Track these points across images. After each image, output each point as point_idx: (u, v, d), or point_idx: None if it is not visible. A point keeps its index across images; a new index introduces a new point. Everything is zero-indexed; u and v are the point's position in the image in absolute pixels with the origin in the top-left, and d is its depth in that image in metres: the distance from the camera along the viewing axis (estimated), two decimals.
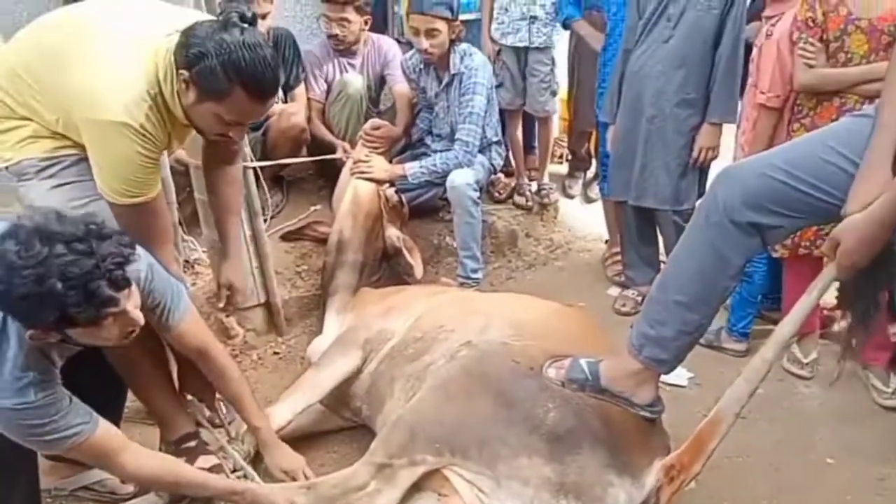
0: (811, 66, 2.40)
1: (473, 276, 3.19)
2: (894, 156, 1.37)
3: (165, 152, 2.02)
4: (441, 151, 3.19)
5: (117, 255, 1.40)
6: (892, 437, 2.30)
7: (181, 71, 1.67)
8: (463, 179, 3.07)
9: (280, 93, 3.34)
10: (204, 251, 2.90)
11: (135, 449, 1.68)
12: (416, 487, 1.87)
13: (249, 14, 1.70)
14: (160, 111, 1.74)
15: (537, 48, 3.55)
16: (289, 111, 3.31)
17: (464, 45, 3.18)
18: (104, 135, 1.69)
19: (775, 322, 2.83)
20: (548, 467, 1.71)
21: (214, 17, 1.77)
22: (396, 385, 2.12)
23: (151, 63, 1.72)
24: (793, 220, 1.55)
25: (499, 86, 3.51)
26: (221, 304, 2.37)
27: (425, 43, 3.08)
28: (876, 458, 2.20)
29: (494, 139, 3.37)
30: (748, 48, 2.79)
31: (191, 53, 1.64)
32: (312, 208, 3.39)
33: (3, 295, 1.34)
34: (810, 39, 2.38)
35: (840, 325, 2.79)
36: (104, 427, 1.61)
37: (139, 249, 1.66)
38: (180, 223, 2.75)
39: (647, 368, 1.76)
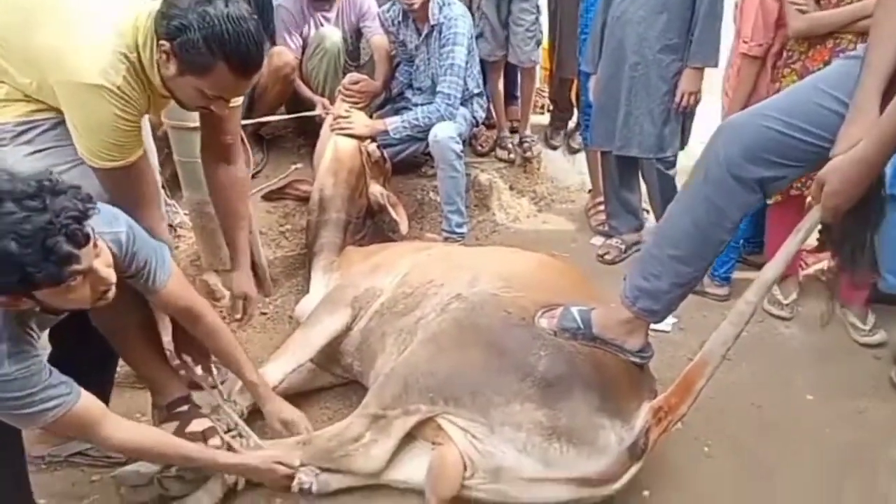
0: (803, 13, 2.39)
1: (458, 230, 3.19)
2: (882, 97, 1.38)
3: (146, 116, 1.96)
4: (422, 105, 3.15)
5: (72, 209, 1.34)
6: (870, 373, 2.37)
7: (161, 42, 1.61)
8: (445, 133, 3.04)
9: None
10: (186, 214, 2.86)
11: (118, 420, 1.65)
12: (410, 438, 1.91)
13: None
14: (138, 76, 1.68)
15: None
16: (277, 50, 3.24)
17: None
18: (80, 97, 1.63)
19: (758, 266, 2.87)
20: (540, 412, 1.75)
21: None
22: (388, 340, 2.14)
23: (131, 26, 1.65)
24: (794, 170, 1.56)
25: (478, 36, 3.44)
26: (238, 316, 2.27)
27: None
28: (854, 393, 2.28)
29: (476, 91, 3.33)
30: None
31: (172, 25, 1.58)
32: (293, 167, 3.35)
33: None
34: None
35: (823, 268, 2.86)
36: (86, 399, 1.58)
37: (117, 212, 1.64)
38: (163, 186, 2.70)
39: (639, 318, 1.79)
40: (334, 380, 2.39)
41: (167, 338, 2.19)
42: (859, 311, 2.56)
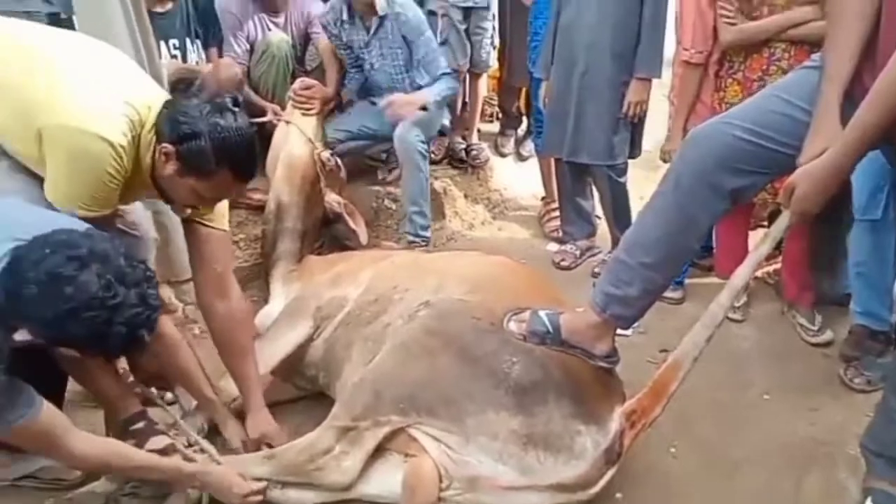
0: (732, 25, 2.48)
1: (423, 233, 3.14)
2: (841, 106, 1.43)
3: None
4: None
5: (155, 297, 1.46)
6: (821, 371, 2.46)
7: (164, 144, 1.67)
8: (411, 132, 3.03)
9: (200, 51, 3.19)
10: None
11: (80, 433, 1.60)
12: (382, 450, 1.86)
13: (241, 99, 1.76)
14: (135, 151, 1.71)
15: (480, 7, 3.51)
16: (224, 62, 3.18)
17: None
18: (79, 145, 1.64)
19: (707, 269, 3.00)
20: (515, 420, 1.74)
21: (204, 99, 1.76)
22: (354, 349, 2.09)
23: (142, 105, 1.71)
24: (764, 177, 1.61)
25: (442, 43, 3.43)
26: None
27: None
28: (808, 391, 2.36)
29: None
30: None
31: (182, 130, 1.66)
32: None
33: (65, 316, 1.33)
34: None
35: (770, 271, 2.97)
36: (48, 410, 1.52)
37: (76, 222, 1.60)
38: None
39: (609, 323, 1.81)
40: (297, 392, 2.33)
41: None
42: (806, 312, 2.66)
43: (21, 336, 1.38)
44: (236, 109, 1.71)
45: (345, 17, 3.18)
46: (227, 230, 2.03)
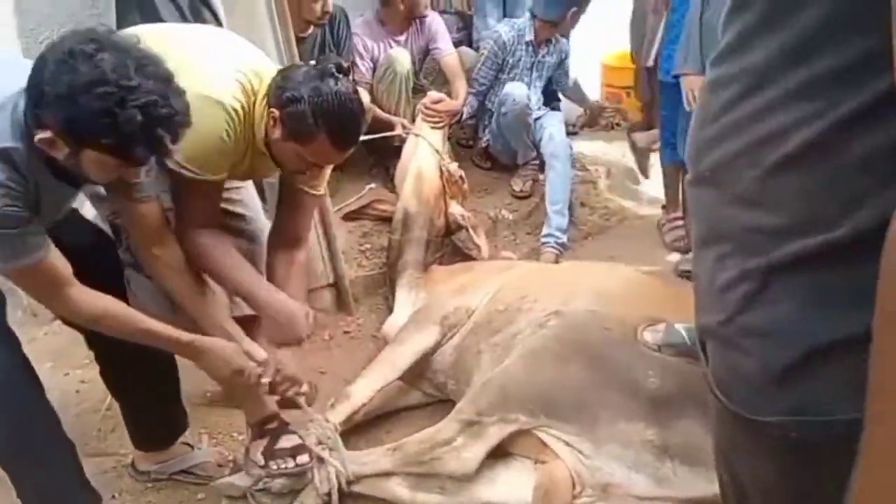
0: None
1: (561, 234, 3.26)
2: None
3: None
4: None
5: (183, 111, 1.40)
6: None
7: (272, 109, 1.73)
8: (562, 131, 3.35)
9: None
10: None
11: (84, 288, 1.61)
12: (509, 455, 1.89)
13: (346, 65, 1.77)
14: (247, 118, 1.76)
15: None
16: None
17: None
18: (193, 107, 1.59)
19: None
20: (650, 430, 1.72)
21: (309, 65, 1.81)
22: (483, 357, 2.13)
23: (254, 73, 1.77)
24: None
25: None
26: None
27: None
28: None
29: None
30: None
31: (285, 96, 1.70)
32: (368, 186, 3.39)
33: (79, 89, 1.28)
34: None
35: None
36: (55, 256, 1.54)
37: None
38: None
39: None
40: (424, 398, 2.40)
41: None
42: None
43: (42, 135, 1.33)
44: (339, 76, 1.71)
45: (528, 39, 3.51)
46: (322, 194, 2.07)
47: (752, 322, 0.71)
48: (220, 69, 1.73)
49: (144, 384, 1.99)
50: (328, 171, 2.01)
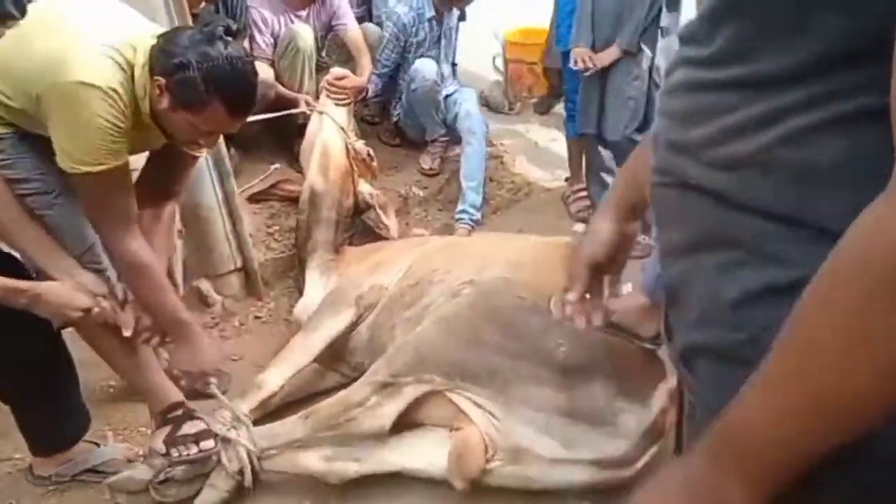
0: None
1: (475, 211, 3.30)
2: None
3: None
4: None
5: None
6: None
7: (157, 77, 1.61)
8: (478, 108, 3.43)
9: None
10: None
11: None
12: (424, 426, 1.91)
13: (234, 27, 1.67)
14: (129, 94, 1.64)
15: None
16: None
17: None
18: (70, 97, 1.57)
19: None
20: (559, 395, 1.78)
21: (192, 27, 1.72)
22: (397, 331, 2.14)
23: (128, 45, 1.63)
24: None
25: None
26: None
27: None
28: None
29: None
30: None
31: (171, 62, 1.59)
32: (272, 167, 3.29)
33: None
34: None
35: None
36: None
37: None
38: None
39: (656, 305, 1.83)
40: (342, 380, 2.37)
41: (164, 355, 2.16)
42: None
43: None
44: (228, 38, 1.63)
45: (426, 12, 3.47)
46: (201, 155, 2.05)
47: None
48: (86, 52, 1.59)
49: (33, 388, 1.88)
50: (217, 139, 1.92)
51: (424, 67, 3.43)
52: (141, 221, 1.85)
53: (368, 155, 2.91)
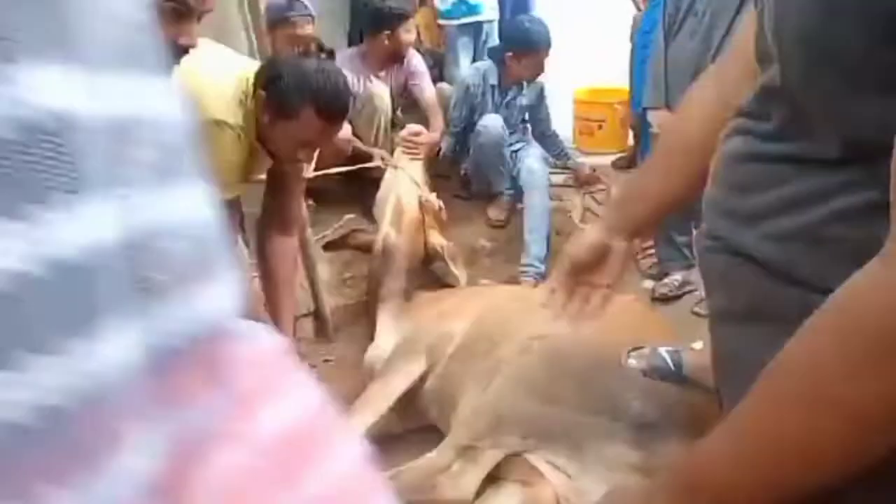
0: None
1: (539, 264, 3.31)
2: None
3: None
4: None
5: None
6: None
7: (259, 91, 1.77)
8: (541, 164, 3.47)
9: None
10: None
11: None
12: (498, 479, 1.90)
13: (328, 48, 1.84)
14: (248, 121, 1.81)
15: None
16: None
17: None
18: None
19: None
20: (634, 454, 1.74)
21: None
22: (468, 383, 2.15)
23: (245, 77, 1.81)
24: None
25: None
26: None
27: None
28: None
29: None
30: None
31: (269, 75, 1.76)
32: (347, 217, 3.41)
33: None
34: None
35: None
36: None
37: None
38: None
39: None
40: (408, 425, 2.40)
41: None
42: None
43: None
44: (322, 55, 1.77)
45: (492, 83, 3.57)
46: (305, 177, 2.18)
47: None
48: (218, 86, 1.77)
49: None
50: (314, 154, 2.04)
51: (490, 122, 3.52)
52: (267, 255, 2.04)
53: (440, 207, 2.99)
